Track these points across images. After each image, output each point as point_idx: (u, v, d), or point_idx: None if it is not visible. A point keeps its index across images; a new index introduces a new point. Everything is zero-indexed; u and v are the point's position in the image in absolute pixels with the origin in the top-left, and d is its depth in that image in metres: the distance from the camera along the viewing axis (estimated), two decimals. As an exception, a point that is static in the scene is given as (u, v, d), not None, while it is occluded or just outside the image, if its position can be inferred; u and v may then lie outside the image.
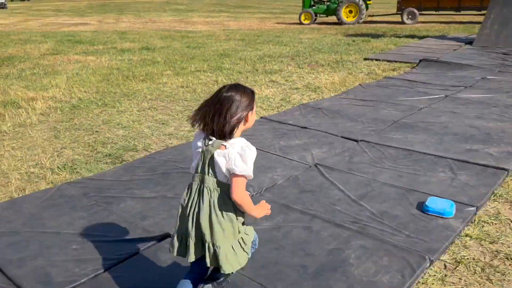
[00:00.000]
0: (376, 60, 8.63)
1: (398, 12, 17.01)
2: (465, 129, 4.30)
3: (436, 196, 2.90)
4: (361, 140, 4.03)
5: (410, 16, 16.53)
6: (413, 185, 3.12)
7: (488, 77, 6.74)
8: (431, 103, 5.29)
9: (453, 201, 2.81)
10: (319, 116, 4.83)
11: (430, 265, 2.27)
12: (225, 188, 1.66)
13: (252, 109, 1.67)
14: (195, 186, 1.70)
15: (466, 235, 2.56)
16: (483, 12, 16.04)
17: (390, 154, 3.71)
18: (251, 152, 1.61)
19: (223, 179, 1.66)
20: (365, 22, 17.41)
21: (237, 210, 1.70)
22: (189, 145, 4.01)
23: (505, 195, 3.03)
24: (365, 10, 16.62)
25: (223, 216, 1.67)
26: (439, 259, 2.33)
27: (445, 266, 2.29)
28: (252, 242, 1.85)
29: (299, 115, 4.91)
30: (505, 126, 4.36)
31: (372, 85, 6.40)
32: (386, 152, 3.75)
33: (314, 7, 17.46)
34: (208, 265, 1.73)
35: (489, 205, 2.91)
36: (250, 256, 1.82)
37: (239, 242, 1.74)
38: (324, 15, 17.51)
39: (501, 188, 3.15)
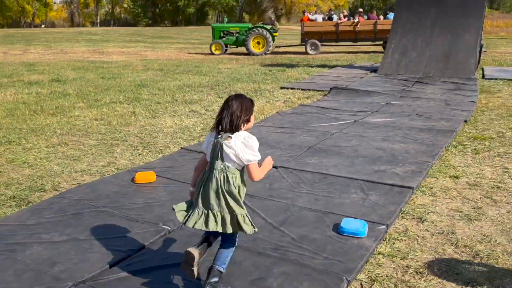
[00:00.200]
0: (292, 88, 9.01)
1: (302, 44, 18.11)
2: (373, 151, 4.61)
3: (350, 216, 3.04)
4: (280, 166, 4.13)
5: (313, 47, 17.74)
6: (328, 208, 3.25)
7: (391, 102, 7.33)
8: (342, 128, 5.61)
9: (365, 220, 2.97)
10: (239, 145, 4.88)
11: (347, 286, 2.35)
12: (230, 170, 2.09)
13: (252, 113, 2.17)
14: (207, 170, 2.16)
15: (379, 253, 2.70)
16: (377, 43, 17.72)
17: (307, 178, 3.84)
18: (253, 141, 2.09)
19: (229, 163, 2.10)
20: (273, 53, 18.25)
21: (240, 187, 2.12)
22: (103, 180, 3.87)
23: (411, 212, 3.27)
24: (272, 41, 17.45)
25: (227, 191, 2.09)
26: (355, 279, 2.43)
27: (362, 285, 2.39)
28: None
29: (218, 144, 4.92)
30: (408, 147, 4.74)
31: (288, 112, 6.64)
32: (303, 176, 3.88)
33: (224, 38, 17.99)
34: (215, 229, 2.11)
35: (398, 222, 3.11)
36: (253, 230, 2.15)
37: (243, 215, 2.13)
38: (234, 46, 18.07)
39: (408, 205, 3.39)
